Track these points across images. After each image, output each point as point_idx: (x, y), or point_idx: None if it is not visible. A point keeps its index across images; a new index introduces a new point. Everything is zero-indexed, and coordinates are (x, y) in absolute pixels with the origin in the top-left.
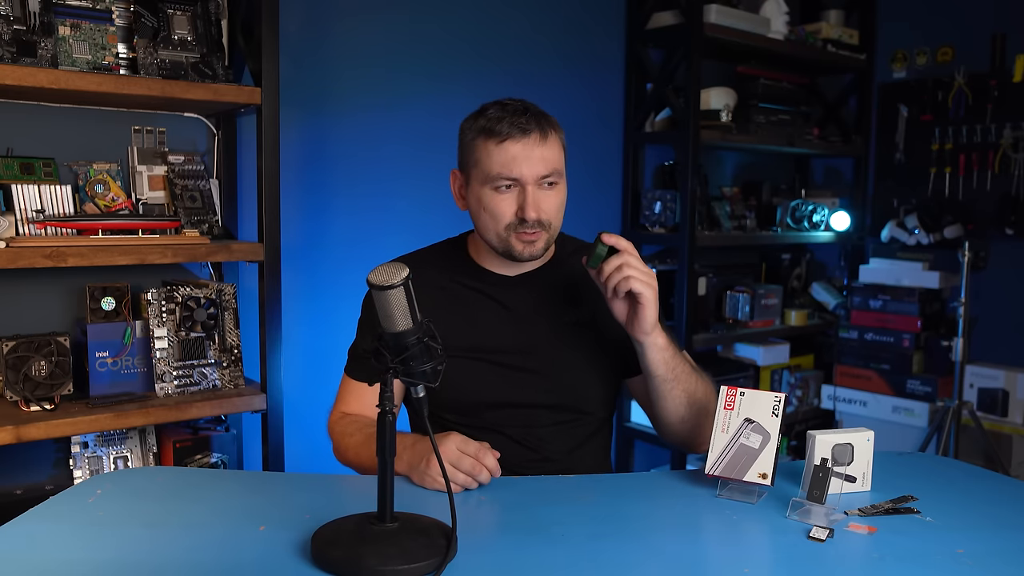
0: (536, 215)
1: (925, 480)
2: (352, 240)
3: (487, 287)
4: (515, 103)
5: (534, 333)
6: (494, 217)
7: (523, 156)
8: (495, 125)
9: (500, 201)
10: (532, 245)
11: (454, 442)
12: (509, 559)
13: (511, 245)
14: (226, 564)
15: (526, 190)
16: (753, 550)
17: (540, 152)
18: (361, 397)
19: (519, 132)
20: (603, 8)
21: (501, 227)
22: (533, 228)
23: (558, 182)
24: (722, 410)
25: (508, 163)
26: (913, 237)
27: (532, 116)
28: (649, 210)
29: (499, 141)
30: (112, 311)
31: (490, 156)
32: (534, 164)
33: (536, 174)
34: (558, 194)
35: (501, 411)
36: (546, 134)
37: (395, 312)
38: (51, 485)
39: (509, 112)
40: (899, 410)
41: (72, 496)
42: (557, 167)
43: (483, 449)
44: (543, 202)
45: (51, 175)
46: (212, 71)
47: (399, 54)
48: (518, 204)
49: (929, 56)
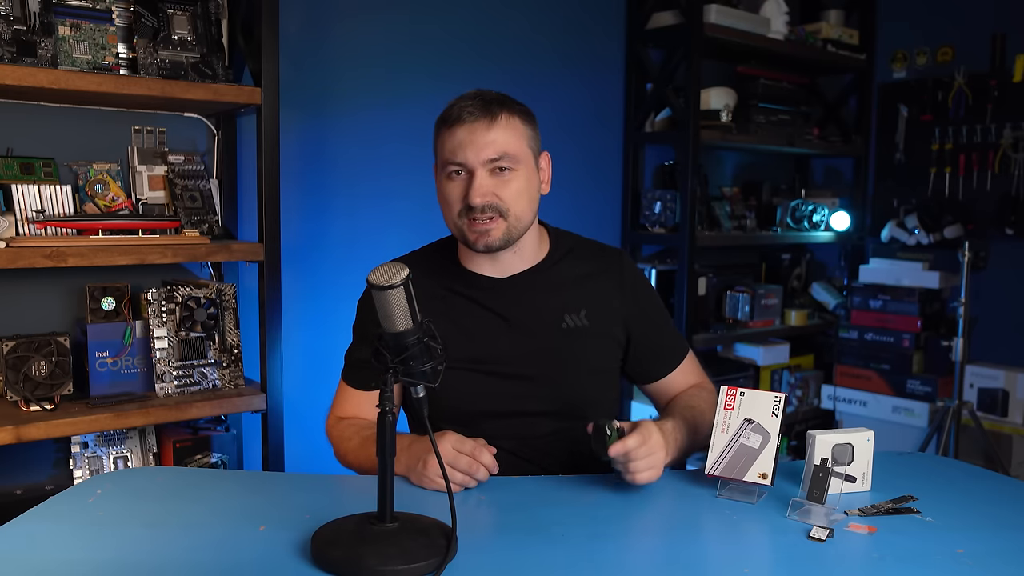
0: (481, 200)
1: (925, 480)
2: (352, 240)
3: (479, 293)
4: (476, 91)
5: (529, 339)
6: (447, 204)
7: (468, 140)
8: (448, 112)
9: (451, 188)
10: (486, 235)
11: (449, 441)
12: (509, 559)
13: (466, 234)
14: (226, 564)
15: (474, 175)
16: (753, 550)
17: (487, 136)
18: (356, 402)
19: (466, 115)
20: (603, 8)
21: (454, 214)
22: (485, 215)
23: (514, 167)
24: (722, 410)
25: (455, 148)
26: (913, 237)
27: (483, 101)
28: (649, 210)
29: (448, 126)
30: (112, 311)
31: (442, 143)
32: (479, 148)
33: (482, 158)
34: (516, 180)
35: (500, 420)
36: (495, 117)
37: (395, 312)
38: (51, 485)
39: (464, 99)
40: (899, 410)
41: (72, 496)
42: (509, 151)
43: (479, 447)
44: (497, 189)
45: (51, 175)
46: (212, 71)
47: (399, 54)
48: (465, 190)
49: (929, 56)
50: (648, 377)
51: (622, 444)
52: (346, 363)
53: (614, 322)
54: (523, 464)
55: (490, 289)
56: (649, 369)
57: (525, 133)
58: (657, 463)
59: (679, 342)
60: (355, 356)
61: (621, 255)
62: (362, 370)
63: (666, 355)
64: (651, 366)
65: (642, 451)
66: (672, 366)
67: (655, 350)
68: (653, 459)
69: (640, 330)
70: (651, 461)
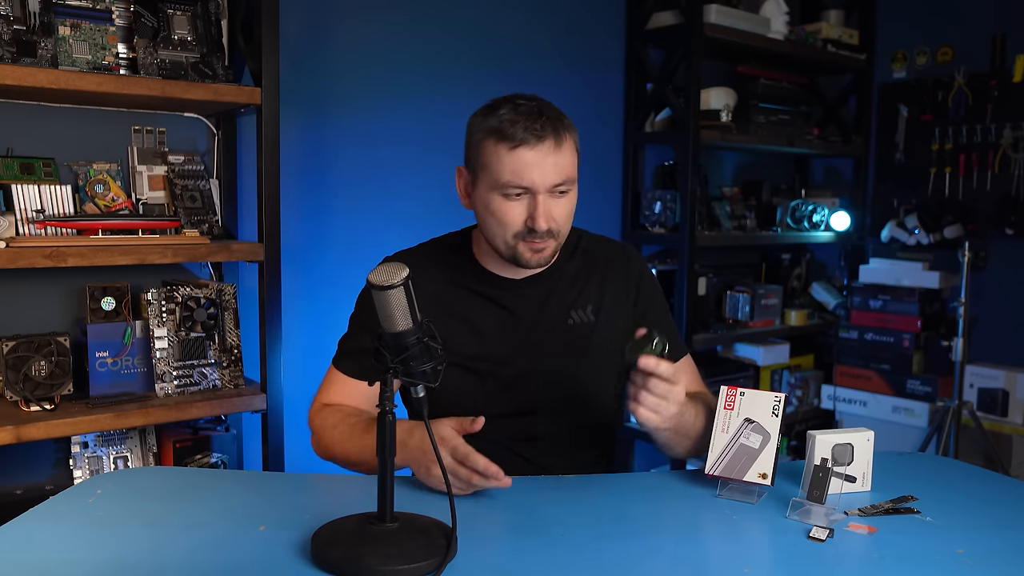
0: (547, 225)
1: (925, 480)
2: (352, 240)
3: (491, 291)
4: (529, 103)
5: (538, 339)
6: (502, 224)
7: (536, 164)
8: (508, 128)
9: (509, 208)
10: (540, 254)
11: (447, 446)
12: (509, 559)
13: (518, 253)
14: (226, 564)
15: (537, 199)
16: (753, 550)
17: (554, 159)
18: (345, 391)
19: (533, 138)
20: (603, 8)
21: (509, 235)
22: (543, 237)
23: (570, 189)
24: (722, 410)
25: (519, 171)
26: (913, 237)
27: (548, 121)
28: (649, 210)
29: (511, 147)
30: (112, 311)
31: (500, 161)
32: (547, 173)
33: (549, 183)
34: (569, 201)
35: (501, 419)
36: (561, 139)
37: (395, 312)
38: (51, 485)
39: (523, 115)
40: (899, 410)
41: (72, 496)
42: (570, 174)
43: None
44: (554, 210)
45: (51, 175)
46: (212, 71)
47: (399, 54)
48: (528, 213)
49: (929, 56)
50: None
51: (657, 362)
52: (339, 351)
53: (619, 316)
54: (524, 463)
55: (502, 287)
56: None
57: (577, 151)
58: (665, 410)
59: (677, 344)
60: (350, 344)
61: (629, 250)
62: (355, 358)
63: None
64: None
65: (663, 387)
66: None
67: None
68: (664, 404)
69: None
70: (662, 404)
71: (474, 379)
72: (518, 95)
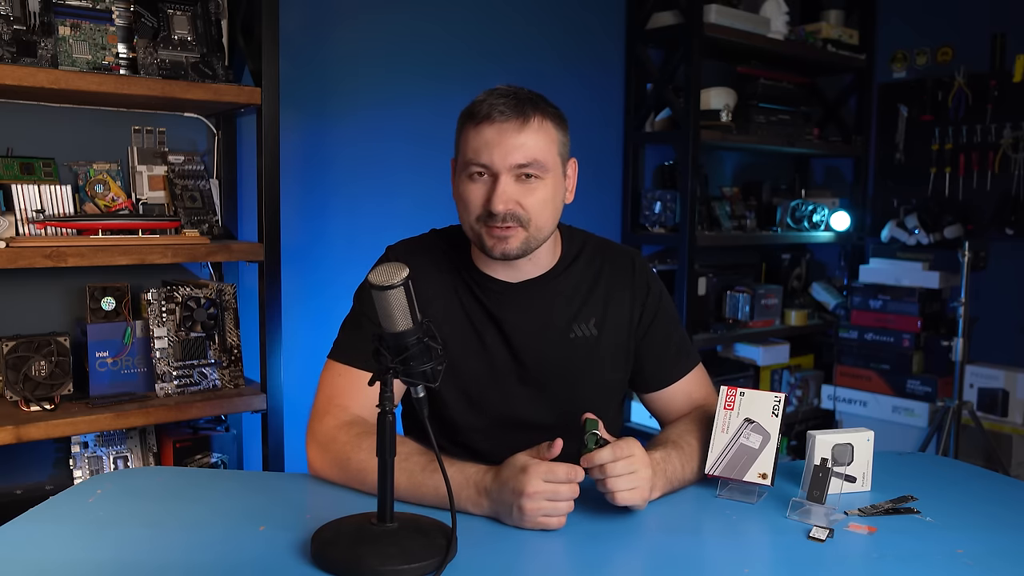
0: (504, 208)
1: (925, 480)
2: (352, 240)
3: (488, 298)
4: (508, 87)
5: (535, 350)
6: (465, 207)
7: (496, 141)
8: (476, 107)
9: (471, 190)
10: (504, 242)
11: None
12: (509, 559)
13: (483, 239)
14: (226, 564)
15: (498, 179)
16: (753, 550)
17: (517, 139)
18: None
19: (496, 114)
20: (603, 8)
21: (472, 218)
22: (505, 222)
23: (541, 176)
24: (722, 410)
25: (479, 148)
26: (913, 237)
27: (516, 99)
28: (649, 210)
29: (475, 124)
30: (112, 311)
31: (467, 139)
32: (508, 151)
33: (510, 162)
34: (542, 189)
35: (498, 432)
36: (528, 119)
37: (395, 312)
38: (51, 485)
39: (496, 95)
40: (899, 410)
41: (72, 496)
42: (539, 158)
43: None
44: (520, 197)
45: (51, 175)
46: (212, 71)
47: (399, 54)
48: (487, 194)
49: (929, 56)
50: (647, 386)
51: (594, 455)
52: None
53: (624, 330)
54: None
55: (499, 294)
56: (648, 379)
57: (556, 139)
58: (639, 482)
59: (686, 354)
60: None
61: (634, 257)
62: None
63: (668, 365)
64: (650, 376)
65: (619, 466)
66: (672, 378)
67: (657, 359)
68: (635, 478)
69: (645, 336)
70: (632, 480)
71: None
72: (510, 85)
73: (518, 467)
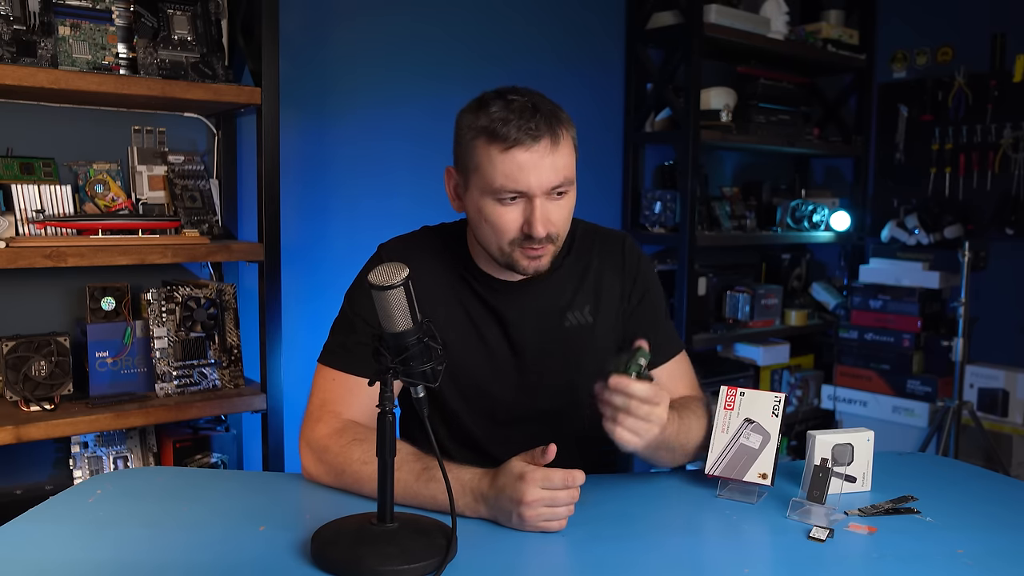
0: (545, 231)
1: (925, 480)
2: (352, 239)
3: (488, 294)
4: (521, 99)
5: (534, 342)
6: (496, 231)
7: (531, 166)
8: (500, 127)
9: (503, 213)
10: (537, 261)
11: (534, 482)
12: (509, 559)
13: (514, 260)
14: (226, 564)
15: (534, 203)
16: (753, 550)
17: (551, 160)
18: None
19: (528, 139)
20: (603, 8)
21: (504, 242)
22: (541, 243)
23: (569, 190)
24: (722, 410)
25: (514, 174)
26: (913, 237)
27: (543, 118)
28: (649, 210)
29: (504, 148)
30: (112, 311)
31: (492, 163)
32: (544, 174)
33: (546, 185)
34: (568, 202)
35: (497, 424)
36: (558, 138)
37: (395, 312)
38: (51, 485)
39: (516, 112)
40: (899, 410)
41: (72, 496)
42: (568, 175)
43: (570, 475)
44: (552, 214)
45: (51, 175)
46: (212, 71)
47: (399, 54)
48: (524, 218)
49: (929, 56)
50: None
51: (630, 384)
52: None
53: (616, 314)
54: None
55: (499, 290)
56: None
57: (575, 148)
58: (647, 433)
59: (670, 341)
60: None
61: (623, 240)
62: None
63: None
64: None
65: (645, 409)
66: (656, 362)
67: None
68: (647, 427)
69: (631, 316)
70: (643, 428)
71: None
72: (510, 88)
73: (515, 475)
